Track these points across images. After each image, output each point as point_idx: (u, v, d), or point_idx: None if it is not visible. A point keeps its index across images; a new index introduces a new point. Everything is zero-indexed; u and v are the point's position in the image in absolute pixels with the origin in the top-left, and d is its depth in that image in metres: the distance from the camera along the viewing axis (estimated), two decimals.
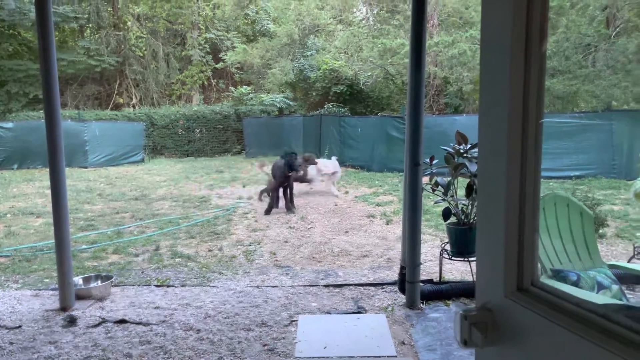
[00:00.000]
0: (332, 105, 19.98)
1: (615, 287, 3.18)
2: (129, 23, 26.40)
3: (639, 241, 5.48)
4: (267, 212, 8.88)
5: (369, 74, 19.20)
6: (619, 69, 13.51)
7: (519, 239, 0.98)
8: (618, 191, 9.86)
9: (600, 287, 3.12)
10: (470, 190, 4.54)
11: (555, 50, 13.61)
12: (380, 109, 21.44)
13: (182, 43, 28.26)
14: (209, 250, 6.56)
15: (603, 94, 13.19)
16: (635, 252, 4.75)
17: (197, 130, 21.39)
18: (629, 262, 4.68)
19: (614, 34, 14.93)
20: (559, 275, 3.20)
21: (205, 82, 27.95)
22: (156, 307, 4.56)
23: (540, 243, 3.37)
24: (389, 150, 14.36)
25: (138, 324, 4.19)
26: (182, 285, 5.18)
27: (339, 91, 20.46)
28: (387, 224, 8.02)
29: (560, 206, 3.52)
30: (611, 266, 3.47)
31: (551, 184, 11.04)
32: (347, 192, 11.07)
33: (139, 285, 5.23)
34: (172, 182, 13.00)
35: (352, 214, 8.81)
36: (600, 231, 6.46)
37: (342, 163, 12.36)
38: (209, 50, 27.25)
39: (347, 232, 7.57)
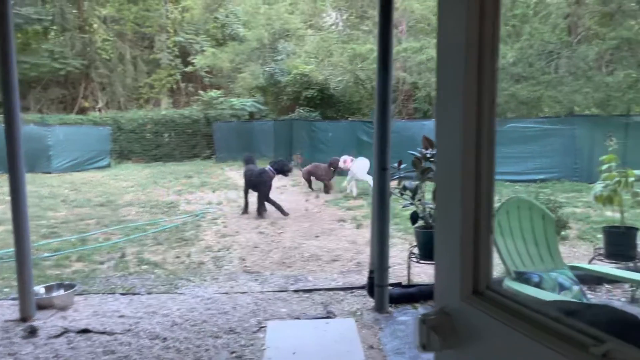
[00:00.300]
0: (303, 110, 20.00)
1: (575, 287, 3.27)
2: (95, 25, 25.87)
3: (599, 243, 5.64)
4: (283, 213, 8.92)
5: (340, 78, 19.30)
6: (581, 76, 13.94)
7: (474, 243, 1.00)
8: (580, 194, 10.15)
9: (562, 288, 3.20)
10: None
11: (520, 57, 13.96)
12: (351, 113, 21.56)
13: (150, 46, 27.85)
14: (177, 257, 6.46)
15: (565, 100, 13.58)
16: (596, 254, 4.89)
17: (166, 135, 21.08)
18: (589, 263, 4.81)
19: (575, 41, 15.41)
20: (522, 277, 3.27)
21: (174, 86, 27.61)
22: (121, 316, 4.46)
23: (504, 246, 3.44)
24: (359, 154, 14.39)
25: (102, 333, 4.09)
26: (149, 293, 5.08)
27: (309, 96, 20.50)
28: (358, 227, 8.05)
29: (523, 210, 3.60)
30: (572, 267, 3.56)
31: (517, 187, 11.28)
32: (317, 197, 11.08)
33: (103, 293, 5.10)
34: (140, 187, 12.77)
35: (323, 219, 8.82)
36: (563, 233, 6.63)
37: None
38: (177, 53, 26.93)
39: (317, 236, 7.57)
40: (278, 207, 8.93)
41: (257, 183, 9.05)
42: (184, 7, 25.77)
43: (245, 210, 9.25)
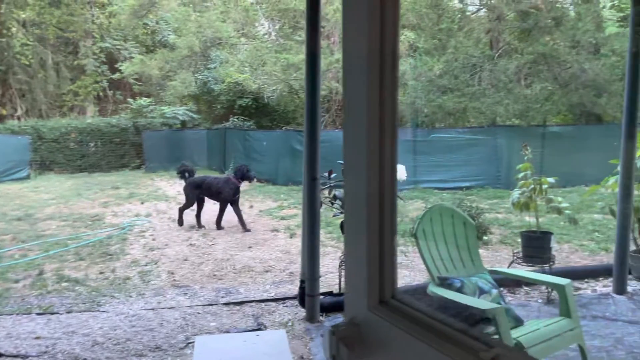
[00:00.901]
0: (237, 119, 19.77)
1: (494, 291, 3.41)
2: (14, 29, 24.37)
3: (518, 247, 5.94)
4: (245, 227, 8.62)
5: (274, 88, 19.27)
6: (501, 88, 14.72)
7: (379, 254, 1.01)
8: (502, 200, 10.68)
9: (482, 291, 3.33)
10: None
11: (446, 69, 14.55)
12: (286, 123, 21.56)
13: (75, 52, 26.58)
14: (101, 273, 6.16)
15: (488, 111, 14.29)
16: (515, 257, 5.14)
17: (92, 144, 20.12)
18: (509, 266, 5.06)
19: (496, 55, 16.26)
20: (445, 282, 3.37)
21: (101, 93, 26.46)
22: (37, 337, 4.19)
23: (428, 253, 3.54)
24: (294, 163, 14.46)
25: (15, 357, 3.82)
26: (68, 312, 4.81)
27: (244, 104, 20.30)
28: (291, 237, 8.04)
29: (446, 217, 3.73)
30: (491, 271, 3.72)
31: (444, 195, 11.72)
32: (251, 207, 10.96)
33: (17, 314, 4.78)
34: (62, 199, 12.09)
35: (256, 229, 8.73)
36: (485, 238, 6.94)
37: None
38: (104, 60, 25.88)
39: (250, 247, 7.49)
40: (241, 219, 8.67)
41: (222, 191, 8.69)
42: (110, 12, 24.83)
43: (181, 222, 8.92)
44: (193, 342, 4.04)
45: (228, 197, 8.65)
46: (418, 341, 0.88)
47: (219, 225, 8.73)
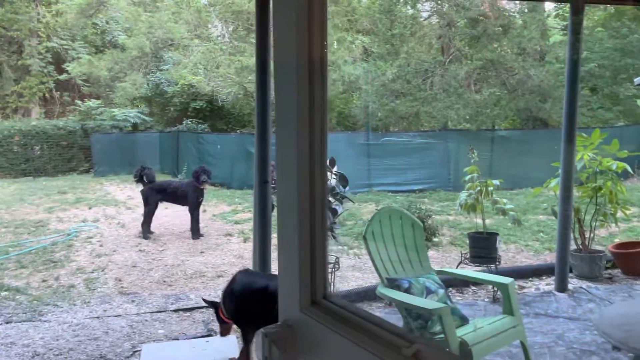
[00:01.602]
0: (191, 122, 19.42)
1: (441, 291, 3.48)
2: None
3: (467, 248, 6.10)
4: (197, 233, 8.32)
5: (228, 90, 19.07)
6: (452, 93, 15.12)
7: (311, 255, 1.01)
8: (453, 203, 10.93)
9: (429, 291, 3.40)
10: None
11: (398, 74, 14.82)
12: (242, 126, 21.37)
13: (19, 51, 25.48)
14: (43, 281, 5.91)
15: (440, 115, 14.65)
16: (463, 258, 5.28)
17: (37, 147, 19.30)
18: (457, 267, 5.19)
19: (447, 61, 16.70)
20: (393, 283, 3.42)
21: (47, 95, 25.45)
22: None
23: (377, 254, 3.58)
24: (248, 167, 14.30)
25: None
26: (7, 322, 4.59)
27: (198, 107, 19.99)
28: (245, 241, 7.96)
29: (395, 218, 3.78)
30: (439, 272, 3.80)
31: (398, 197, 11.90)
32: (204, 211, 10.78)
33: None
34: (3, 205, 11.53)
35: (209, 234, 8.60)
36: (435, 239, 7.10)
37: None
38: (50, 60, 24.91)
39: (202, 252, 7.37)
40: (197, 225, 8.40)
41: (189, 195, 8.35)
42: (57, 10, 23.94)
43: (150, 229, 8.41)
44: (140, 350, 3.93)
45: (194, 201, 8.38)
46: (347, 340, 0.88)
47: (196, 234, 8.31)
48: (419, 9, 17.61)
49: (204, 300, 3.98)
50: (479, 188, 5.15)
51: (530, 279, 5.56)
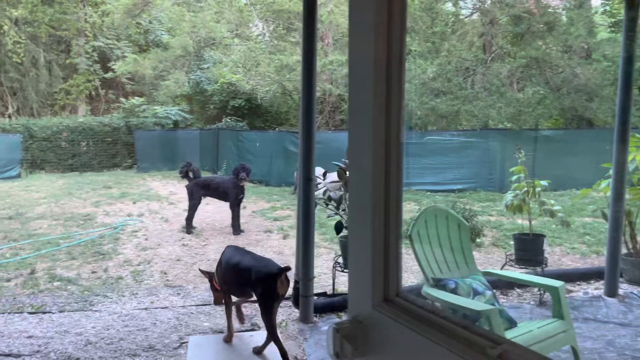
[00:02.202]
0: (230, 119, 19.73)
1: (488, 292, 3.43)
2: (6, 27, 24.18)
3: (510, 249, 5.99)
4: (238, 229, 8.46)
5: (267, 89, 19.28)
6: (494, 92, 14.83)
7: (384, 252, 1.02)
8: (494, 203, 10.74)
9: (476, 293, 3.36)
10: None
11: (439, 72, 14.63)
12: (279, 124, 21.56)
13: (67, 50, 26.44)
14: (93, 272, 6.13)
15: (481, 114, 14.39)
16: (507, 260, 5.18)
17: (83, 143, 19.99)
18: (501, 269, 5.09)
19: (489, 59, 16.38)
20: (439, 283, 3.39)
21: (93, 92, 26.31)
22: (29, 337, 4.16)
23: (423, 254, 3.56)
24: (287, 164, 14.46)
25: (7, 355, 3.79)
26: (61, 311, 4.78)
27: (237, 105, 20.28)
28: (284, 238, 8.04)
29: (440, 218, 3.75)
30: (485, 273, 3.75)
31: (437, 197, 11.77)
32: (244, 207, 10.93)
33: (9, 313, 4.74)
34: (53, 199, 12.01)
35: (249, 230, 8.72)
36: (478, 240, 6.98)
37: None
38: (97, 58, 25.74)
39: (243, 248, 7.47)
40: (237, 221, 8.49)
41: (230, 191, 8.48)
42: (103, 10, 24.69)
43: (192, 225, 8.54)
44: (187, 342, 4.03)
45: (235, 197, 8.48)
46: (424, 338, 0.89)
47: (237, 230, 8.43)
48: (461, 7, 17.33)
49: (200, 270, 4.53)
50: (525, 189, 5.04)
51: (578, 282, 5.41)
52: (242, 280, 3.69)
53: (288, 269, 3.61)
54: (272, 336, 3.57)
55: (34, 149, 19.31)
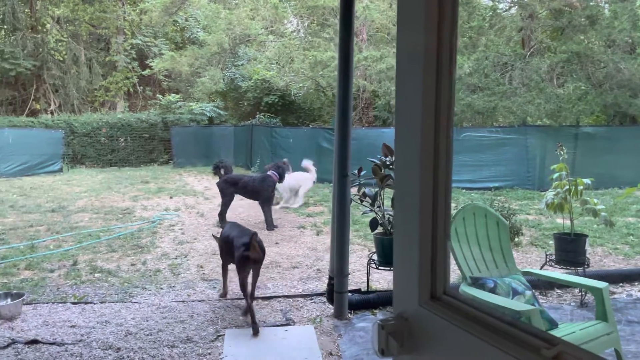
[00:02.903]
0: (263, 116, 19.89)
1: (528, 292, 3.36)
2: (48, 25, 25.00)
3: (550, 249, 5.84)
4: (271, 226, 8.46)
5: (301, 85, 19.32)
6: (533, 87, 14.44)
7: (432, 249, 1.01)
8: (532, 202, 10.50)
9: (515, 293, 3.29)
10: None
11: (476, 68, 14.34)
12: (312, 120, 21.61)
13: (106, 48, 27.13)
14: (132, 265, 6.29)
15: (519, 110, 14.03)
16: (547, 260, 5.05)
17: (122, 139, 20.52)
18: (541, 268, 4.97)
19: (528, 54, 15.96)
20: (477, 282, 3.34)
21: (131, 89, 26.95)
22: (72, 326, 4.31)
23: (460, 252, 3.51)
24: (320, 161, 14.45)
25: (51, 344, 3.93)
26: (102, 302, 4.93)
27: (270, 101, 20.43)
28: (318, 234, 8.06)
29: (479, 216, 3.69)
30: (525, 273, 3.67)
31: (473, 194, 11.58)
32: (277, 203, 11.01)
33: (53, 302, 4.91)
34: (93, 193, 12.37)
35: (283, 225, 8.77)
36: (516, 239, 6.83)
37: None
38: (135, 56, 26.34)
39: (277, 243, 7.53)
40: (270, 217, 8.52)
41: (260, 190, 8.52)
42: (142, 9, 25.23)
43: (225, 219, 8.49)
44: (223, 335, 4.09)
45: (266, 195, 8.49)
46: (473, 337, 0.87)
47: (271, 226, 8.44)
48: (498, 0, 16.94)
49: (213, 236, 5.63)
50: (567, 187, 4.90)
51: (621, 284, 5.24)
52: (229, 249, 4.60)
53: (255, 234, 4.40)
54: (243, 292, 4.29)
55: (75, 145, 19.93)
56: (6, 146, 16.29)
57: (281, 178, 8.82)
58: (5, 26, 24.36)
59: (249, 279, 4.41)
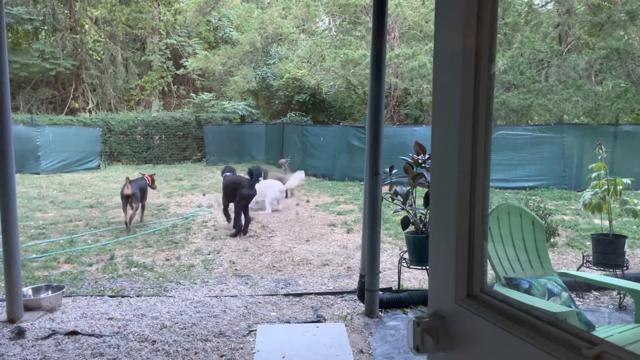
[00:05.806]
0: (294, 114, 20.01)
1: (565, 294, 3.29)
2: (87, 26, 25.73)
3: (587, 250, 5.69)
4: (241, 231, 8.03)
5: (332, 83, 19.34)
6: (570, 84, 14.07)
7: (469, 247, 1.01)
8: (569, 202, 10.25)
9: (551, 294, 3.23)
10: (428, 199, 4.62)
11: (511, 65, 14.07)
12: (343, 118, 21.61)
13: (142, 48, 27.75)
14: (167, 260, 6.43)
15: (555, 108, 13.71)
16: (584, 261, 4.93)
17: (156, 137, 20.97)
18: (578, 270, 4.86)
19: (565, 50, 15.57)
20: (512, 283, 3.29)
21: (166, 88, 27.51)
22: (110, 318, 4.43)
23: (494, 252, 3.46)
24: (350, 159, 14.48)
25: (90, 335, 4.06)
26: (138, 296, 5.06)
27: (301, 100, 20.52)
28: (348, 232, 8.06)
29: (514, 216, 3.63)
30: (561, 274, 3.59)
31: (506, 194, 11.38)
32: (308, 201, 11.08)
33: (91, 295, 5.07)
34: None
35: (313, 223, 8.81)
36: (552, 240, 6.69)
37: (305, 172, 12.28)
38: (169, 55, 26.86)
39: (307, 240, 7.57)
40: (247, 224, 7.93)
41: (236, 194, 8.10)
42: (176, 9, 25.71)
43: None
44: (255, 330, 4.14)
45: (243, 198, 7.82)
46: (511, 335, 0.87)
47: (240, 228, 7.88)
48: None
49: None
50: (606, 187, 4.77)
51: None
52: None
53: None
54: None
55: (112, 142, 20.47)
56: (47, 144, 16.86)
57: (252, 184, 7.90)
58: (45, 27, 25.19)
59: None
